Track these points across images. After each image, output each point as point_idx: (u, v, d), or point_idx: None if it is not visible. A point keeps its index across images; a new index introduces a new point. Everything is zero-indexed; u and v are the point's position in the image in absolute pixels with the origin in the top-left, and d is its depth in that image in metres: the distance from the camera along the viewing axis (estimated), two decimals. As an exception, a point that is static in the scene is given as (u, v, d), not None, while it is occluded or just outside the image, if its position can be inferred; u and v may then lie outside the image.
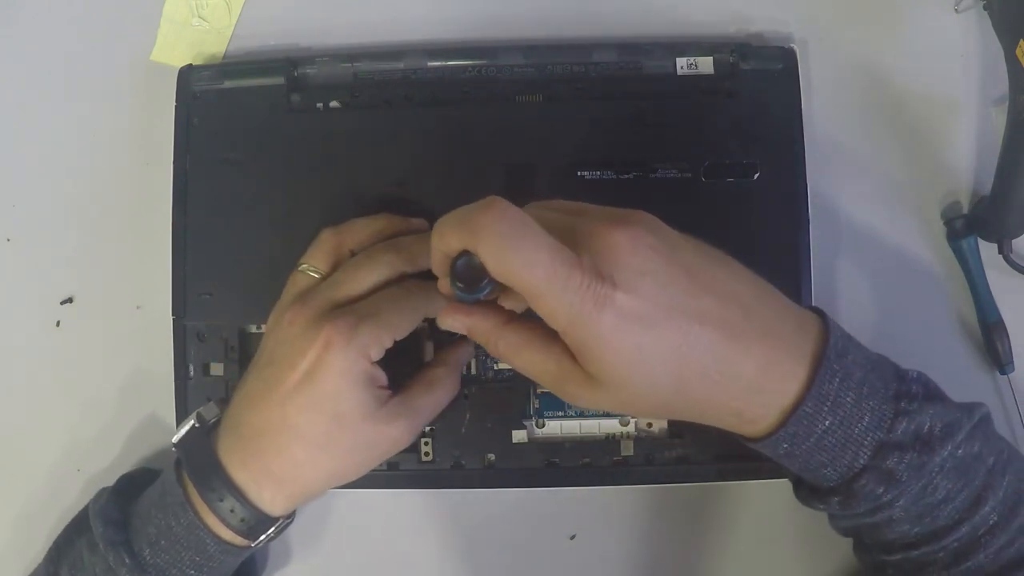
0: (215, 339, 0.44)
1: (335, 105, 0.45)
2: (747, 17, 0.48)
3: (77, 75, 0.48)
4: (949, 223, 0.46)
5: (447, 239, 0.32)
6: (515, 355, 0.35)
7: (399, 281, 0.39)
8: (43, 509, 0.46)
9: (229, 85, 0.45)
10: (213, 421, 0.40)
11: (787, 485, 0.40)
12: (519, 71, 0.45)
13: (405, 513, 0.46)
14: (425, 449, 0.44)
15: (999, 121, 0.45)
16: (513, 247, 0.30)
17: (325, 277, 0.40)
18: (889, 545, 0.37)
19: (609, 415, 0.44)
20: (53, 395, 0.47)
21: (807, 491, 0.38)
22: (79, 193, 0.48)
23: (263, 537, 0.39)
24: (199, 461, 0.38)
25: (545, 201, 0.36)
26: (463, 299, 0.34)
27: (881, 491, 0.34)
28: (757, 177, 0.44)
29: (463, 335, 0.36)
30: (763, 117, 0.44)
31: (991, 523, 0.35)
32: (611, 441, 0.44)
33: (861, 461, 0.34)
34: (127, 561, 0.38)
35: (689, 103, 0.45)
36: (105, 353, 0.47)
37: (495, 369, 0.44)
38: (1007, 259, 0.45)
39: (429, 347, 0.43)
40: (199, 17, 0.48)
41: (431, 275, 0.36)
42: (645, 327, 0.31)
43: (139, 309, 0.47)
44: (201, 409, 0.40)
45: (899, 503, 0.35)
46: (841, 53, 0.47)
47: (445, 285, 0.35)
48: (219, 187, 0.44)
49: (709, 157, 0.44)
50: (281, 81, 0.45)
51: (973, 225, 0.45)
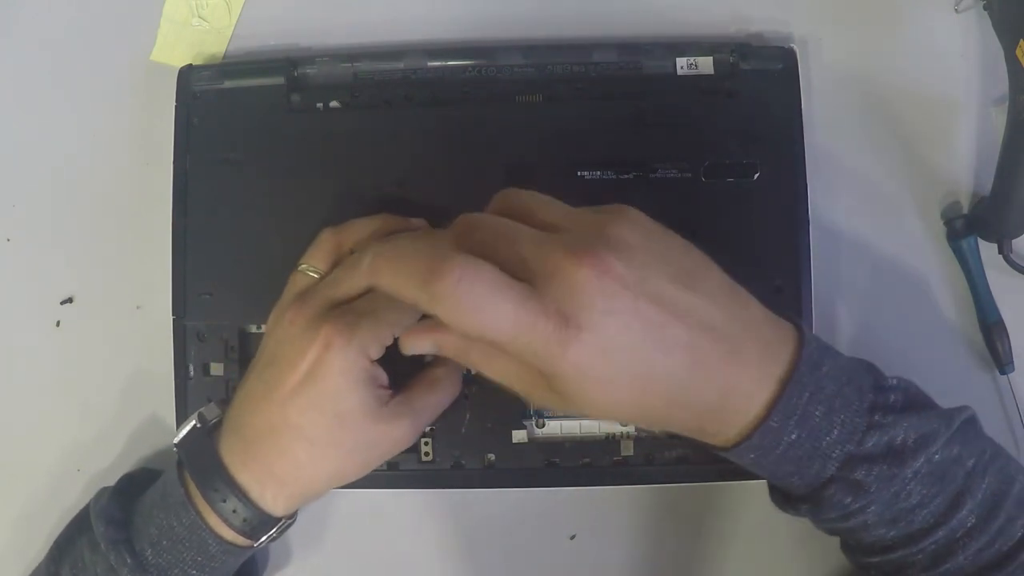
0: (215, 339, 0.44)
1: (335, 105, 0.45)
2: (747, 17, 0.48)
3: (77, 75, 0.48)
4: (949, 223, 0.46)
5: (404, 292, 0.33)
6: (487, 364, 0.35)
7: None
8: (43, 509, 0.46)
9: (229, 85, 0.45)
10: (214, 421, 0.40)
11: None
12: (519, 71, 0.45)
13: (405, 513, 0.46)
14: (425, 449, 0.44)
15: (999, 121, 0.45)
16: (475, 309, 0.31)
17: (325, 277, 0.40)
18: (868, 548, 0.37)
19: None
20: (53, 395, 0.47)
21: (780, 497, 0.38)
22: (79, 193, 0.48)
23: (265, 537, 0.39)
24: (201, 462, 0.38)
25: (523, 193, 0.36)
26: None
27: (849, 500, 0.34)
28: (757, 177, 0.44)
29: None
30: (763, 117, 0.44)
31: (969, 525, 0.35)
32: (611, 441, 0.44)
33: (829, 472, 0.34)
34: (128, 561, 0.38)
35: (689, 103, 0.45)
36: (105, 353, 0.47)
37: (495, 369, 0.44)
38: (1007, 259, 0.45)
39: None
40: (199, 17, 0.48)
41: None
42: (609, 362, 0.32)
43: (139, 309, 0.47)
44: (203, 409, 0.40)
45: (871, 509, 0.34)
46: (841, 53, 0.47)
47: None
48: (219, 187, 0.44)
49: (709, 157, 0.44)
50: (281, 81, 0.45)
51: (973, 225, 0.45)
